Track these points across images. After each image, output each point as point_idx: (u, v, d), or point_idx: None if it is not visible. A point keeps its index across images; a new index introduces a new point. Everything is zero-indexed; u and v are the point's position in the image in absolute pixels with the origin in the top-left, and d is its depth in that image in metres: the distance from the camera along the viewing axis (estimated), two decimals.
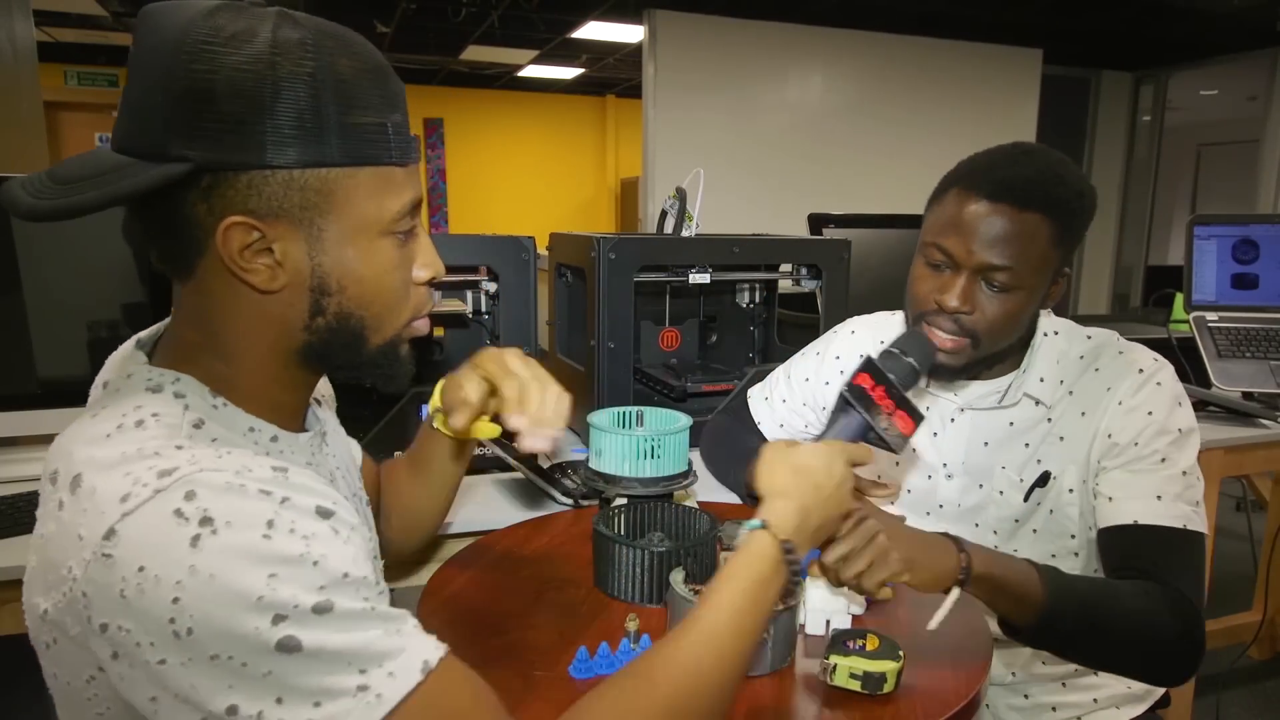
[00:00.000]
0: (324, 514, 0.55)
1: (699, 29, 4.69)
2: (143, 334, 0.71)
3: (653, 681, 0.62)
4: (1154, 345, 1.14)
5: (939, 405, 1.16)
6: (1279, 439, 1.82)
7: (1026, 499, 1.10)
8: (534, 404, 0.81)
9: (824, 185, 4.92)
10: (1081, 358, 1.10)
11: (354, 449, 0.95)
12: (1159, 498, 1.00)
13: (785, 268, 1.73)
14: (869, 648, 0.78)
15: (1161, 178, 6.46)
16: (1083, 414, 1.07)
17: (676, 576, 0.85)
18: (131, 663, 0.52)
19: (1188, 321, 2.08)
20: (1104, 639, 0.92)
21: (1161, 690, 1.21)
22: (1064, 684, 1.16)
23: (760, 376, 1.44)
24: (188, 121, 0.56)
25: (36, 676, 0.62)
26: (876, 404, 0.83)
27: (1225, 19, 4.79)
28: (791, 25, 4.87)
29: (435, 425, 0.94)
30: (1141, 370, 1.05)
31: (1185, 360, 2.02)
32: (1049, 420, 1.09)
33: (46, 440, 1.50)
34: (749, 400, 1.40)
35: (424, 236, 0.70)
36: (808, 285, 1.70)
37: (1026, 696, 1.17)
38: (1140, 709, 1.18)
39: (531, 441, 0.80)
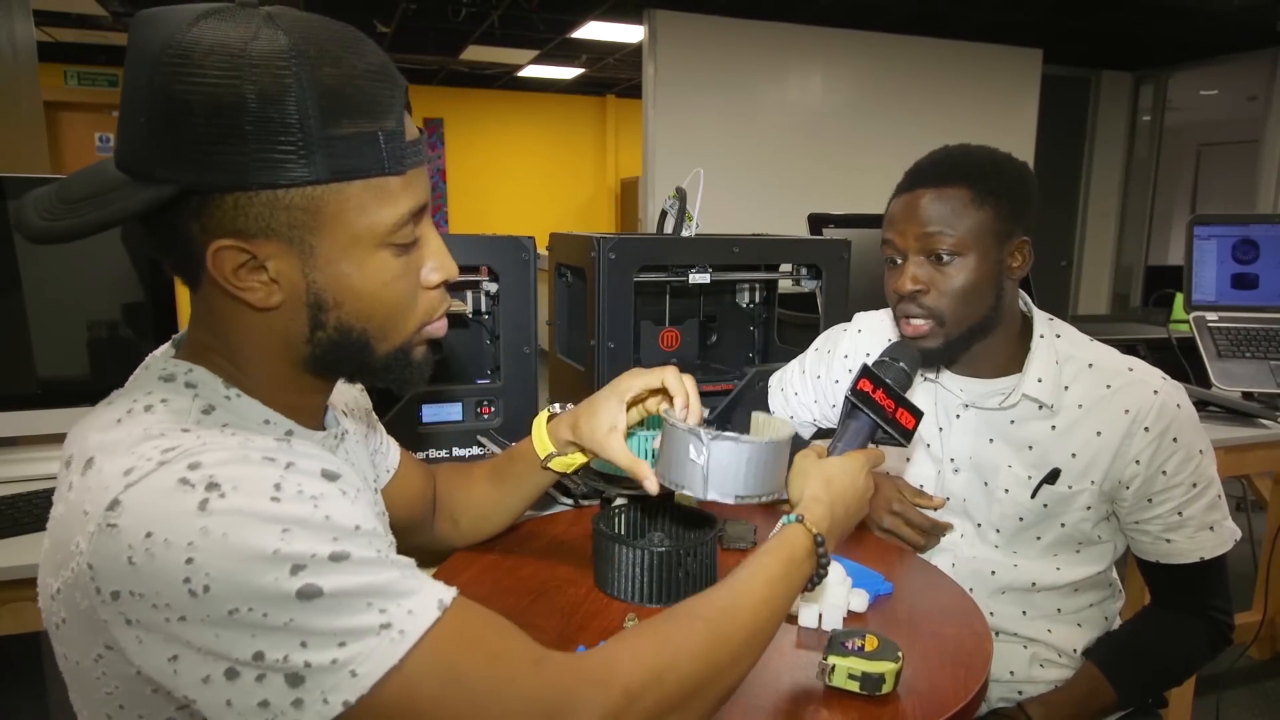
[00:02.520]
0: (330, 476, 0.56)
1: (699, 29, 4.69)
2: (179, 334, 0.71)
3: (694, 616, 0.67)
4: (1154, 345, 1.15)
5: (944, 401, 1.19)
6: (1279, 439, 1.82)
7: (1034, 495, 1.12)
8: (693, 400, 0.91)
9: (824, 185, 4.92)
10: (1090, 366, 1.11)
11: (392, 453, 0.96)
12: (1211, 529, 1.10)
13: (785, 268, 1.73)
14: (868, 648, 0.78)
15: (1161, 178, 6.47)
16: (1099, 434, 1.08)
17: (669, 412, 0.88)
18: (147, 626, 0.52)
19: (1188, 321, 2.07)
20: (1168, 678, 1.19)
21: None
22: (1057, 686, 1.16)
23: (760, 377, 1.45)
24: (169, 144, 0.55)
25: (37, 676, 0.62)
26: (880, 404, 0.90)
27: (1225, 19, 4.79)
28: (791, 25, 4.87)
29: (551, 466, 0.98)
30: (1156, 392, 1.07)
31: (1185, 360, 2.01)
32: (1053, 428, 1.10)
33: (46, 440, 1.51)
34: (769, 390, 1.48)
35: (433, 239, 0.67)
36: (808, 285, 1.70)
37: (1020, 693, 1.17)
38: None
39: (652, 486, 0.90)
